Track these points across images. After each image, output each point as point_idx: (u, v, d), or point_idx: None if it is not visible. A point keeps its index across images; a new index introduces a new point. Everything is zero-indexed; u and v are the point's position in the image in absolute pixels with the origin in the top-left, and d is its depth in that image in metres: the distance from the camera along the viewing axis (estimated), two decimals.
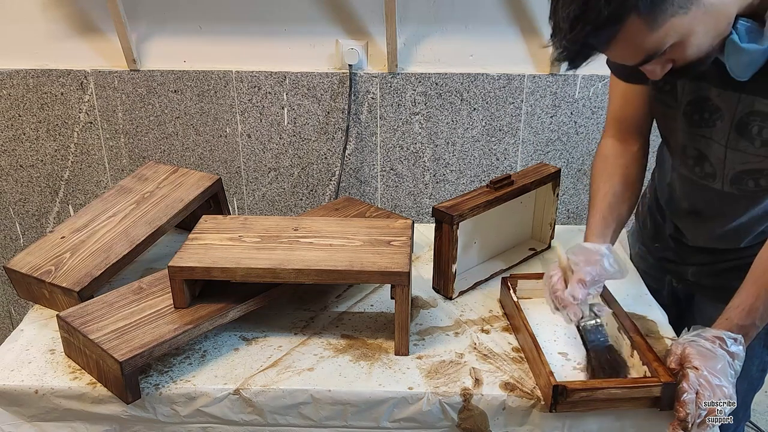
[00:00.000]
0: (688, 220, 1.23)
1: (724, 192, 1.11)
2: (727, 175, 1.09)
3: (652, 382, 0.96)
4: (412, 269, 1.10)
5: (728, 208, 1.14)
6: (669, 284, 1.33)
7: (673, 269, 1.30)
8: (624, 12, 0.82)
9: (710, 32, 0.88)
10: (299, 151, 2.07)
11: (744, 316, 1.01)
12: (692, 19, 0.85)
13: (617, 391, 0.96)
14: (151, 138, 2.06)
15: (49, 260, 1.23)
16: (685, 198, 1.21)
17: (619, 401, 0.97)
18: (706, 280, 1.25)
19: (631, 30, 0.84)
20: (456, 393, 1.02)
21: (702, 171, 1.13)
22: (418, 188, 2.11)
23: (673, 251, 1.29)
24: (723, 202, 1.13)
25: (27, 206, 2.16)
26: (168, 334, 1.03)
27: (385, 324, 1.18)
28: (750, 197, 1.10)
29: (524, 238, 1.46)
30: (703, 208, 1.18)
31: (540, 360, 1.00)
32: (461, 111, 2.00)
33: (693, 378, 0.94)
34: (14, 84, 1.99)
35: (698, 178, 1.14)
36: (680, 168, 1.18)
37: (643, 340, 1.05)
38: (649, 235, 1.35)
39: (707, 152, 1.10)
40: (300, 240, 1.14)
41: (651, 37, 0.85)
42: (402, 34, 1.93)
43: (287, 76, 1.97)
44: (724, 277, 1.19)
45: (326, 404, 1.03)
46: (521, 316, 1.11)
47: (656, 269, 1.35)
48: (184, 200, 1.35)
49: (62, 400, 1.03)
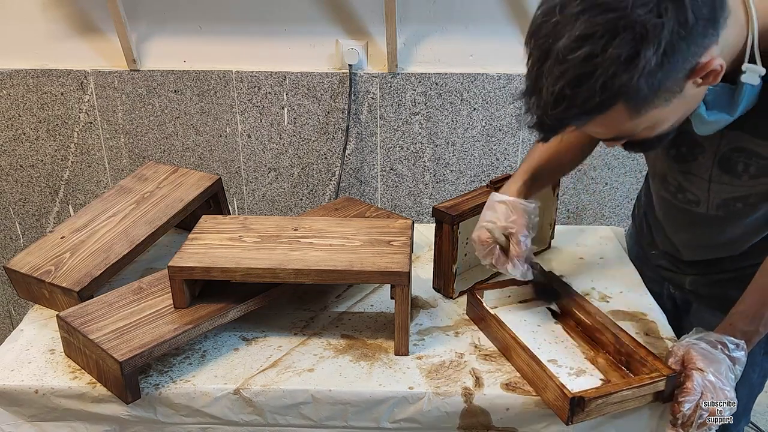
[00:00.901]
0: (677, 237, 1.22)
1: (709, 215, 1.10)
2: (712, 202, 1.08)
3: (657, 377, 0.97)
4: (412, 269, 1.10)
5: (716, 229, 1.12)
6: (667, 289, 1.32)
7: (670, 277, 1.29)
8: (613, 101, 0.79)
9: (681, 116, 0.89)
10: (299, 151, 2.07)
11: (748, 322, 1.01)
12: (672, 109, 0.85)
13: (628, 392, 0.96)
14: (151, 138, 2.06)
15: (49, 260, 1.23)
16: (668, 220, 1.21)
17: (628, 401, 0.97)
18: (703, 289, 1.23)
19: (613, 115, 0.82)
20: (457, 393, 1.02)
21: (684, 198, 1.12)
22: (418, 188, 2.11)
23: (669, 261, 1.28)
24: (709, 223, 1.12)
25: (27, 206, 2.16)
26: (168, 334, 1.03)
27: (385, 324, 1.18)
28: (740, 215, 1.08)
29: None
30: (688, 228, 1.17)
31: (545, 373, 0.98)
32: (461, 111, 2.00)
33: (698, 380, 0.94)
34: (14, 84, 1.99)
35: (680, 203, 1.13)
36: (661, 191, 1.17)
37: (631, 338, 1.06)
38: (646, 241, 1.34)
39: (688, 185, 1.09)
40: (300, 240, 1.14)
41: (629, 123, 0.84)
42: (402, 34, 1.93)
43: (287, 76, 1.97)
44: (723, 286, 1.18)
45: (326, 404, 1.03)
46: (505, 329, 1.09)
47: (655, 275, 1.34)
48: (184, 200, 1.35)
49: (62, 399, 1.03)
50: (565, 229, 1.52)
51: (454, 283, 1.25)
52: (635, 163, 2.04)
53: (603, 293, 1.28)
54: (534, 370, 1.01)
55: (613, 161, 2.04)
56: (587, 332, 1.14)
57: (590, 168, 2.05)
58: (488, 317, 1.13)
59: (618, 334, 1.06)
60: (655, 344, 1.12)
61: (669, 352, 1.02)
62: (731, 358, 0.98)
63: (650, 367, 0.99)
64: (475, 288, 1.21)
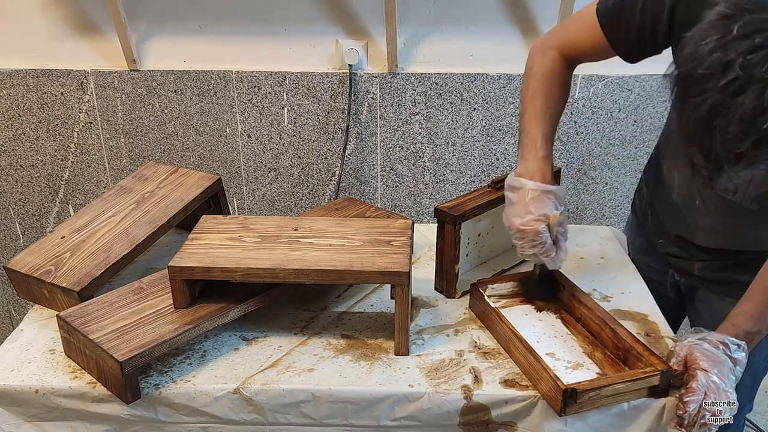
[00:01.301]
0: (702, 222, 1.20)
1: (743, 206, 1.09)
2: (750, 194, 1.07)
3: (651, 372, 0.98)
4: (412, 269, 1.10)
5: (749, 221, 1.12)
6: (672, 277, 1.32)
7: (678, 264, 1.29)
8: None
9: None
10: (299, 151, 2.07)
11: (752, 323, 1.01)
12: None
13: (621, 385, 0.97)
14: (151, 138, 2.06)
15: (49, 260, 1.23)
16: (694, 206, 1.18)
17: (621, 395, 0.98)
18: (713, 274, 1.23)
19: None
20: (456, 391, 1.02)
21: (722, 185, 1.10)
22: (418, 188, 2.11)
23: (679, 248, 1.27)
24: (743, 215, 1.11)
25: (27, 206, 2.16)
26: (168, 334, 1.03)
27: (385, 324, 1.18)
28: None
29: None
30: (719, 215, 1.16)
31: (540, 365, 0.99)
32: (461, 111, 2.00)
33: (702, 380, 0.95)
34: (14, 84, 1.99)
35: (714, 191, 1.11)
36: (691, 176, 1.13)
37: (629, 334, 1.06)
38: (651, 231, 1.33)
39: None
40: (300, 240, 1.14)
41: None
42: (402, 34, 1.93)
43: (287, 76, 1.97)
44: (732, 271, 1.18)
45: (326, 402, 1.03)
46: (505, 322, 1.10)
47: (659, 263, 1.34)
48: (184, 200, 1.35)
49: (62, 399, 1.03)
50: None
51: (456, 283, 1.25)
52: (635, 163, 2.04)
53: (604, 293, 1.28)
54: (530, 362, 1.02)
55: (613, 161, 2.04)
56: (587, 327, 1.14)
57: (590, 168, 2.05)
58: (490, 311, 1.14)
59: (616, 330, 1.07)
60: (656, 344, 1.12)
61: (670, 352, 1.02)
62: (732, 359, 0.98)
63: (646, 362, 1.00)
64: (478, 282, 1.22)
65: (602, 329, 1.10)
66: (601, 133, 2.01)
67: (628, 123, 1.99)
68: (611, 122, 1.99)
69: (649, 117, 1.98)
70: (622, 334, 1.06)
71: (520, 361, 1.06)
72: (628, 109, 1.98)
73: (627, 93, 1.96)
